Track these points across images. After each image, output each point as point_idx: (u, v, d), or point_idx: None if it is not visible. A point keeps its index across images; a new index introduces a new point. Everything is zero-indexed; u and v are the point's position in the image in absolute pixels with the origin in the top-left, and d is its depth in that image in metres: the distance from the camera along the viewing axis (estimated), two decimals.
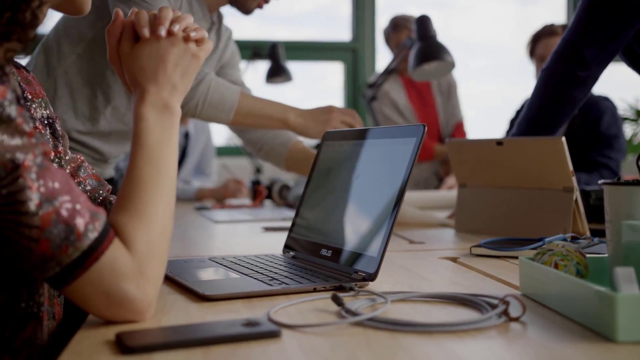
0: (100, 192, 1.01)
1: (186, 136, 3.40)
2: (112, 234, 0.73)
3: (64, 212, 0.69)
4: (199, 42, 0.88)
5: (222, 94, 1.60)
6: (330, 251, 1.04)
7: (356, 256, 0.98)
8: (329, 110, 1.66)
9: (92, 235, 0.71)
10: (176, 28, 0.86)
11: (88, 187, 1.00)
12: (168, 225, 0.80)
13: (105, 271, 0.71)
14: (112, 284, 0.72)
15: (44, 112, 0.93)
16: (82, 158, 1.02)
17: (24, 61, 1.80)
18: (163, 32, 0.85)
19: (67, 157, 0.97)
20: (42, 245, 0.68)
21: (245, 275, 0.98)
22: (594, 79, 1.65)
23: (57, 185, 0.70)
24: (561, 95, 1.64)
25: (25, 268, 0.71)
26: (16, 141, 0.67)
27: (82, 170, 1.00)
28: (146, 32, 0.85)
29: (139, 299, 0.73)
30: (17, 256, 0.70)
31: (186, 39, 0.87)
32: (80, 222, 0.70)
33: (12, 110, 0.68)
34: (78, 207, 0.71)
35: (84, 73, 1.65)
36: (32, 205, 0.67)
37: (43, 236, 0.68)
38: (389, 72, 2.49)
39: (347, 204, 1.06)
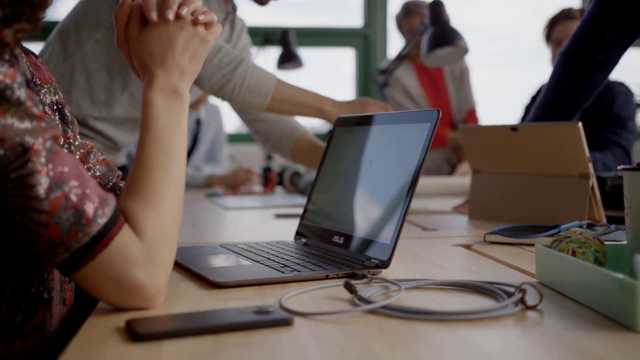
0: (110, 178, 1.00)
1: (198, 123, 3.39)
2: (121, 220, 0.72)
3: (73, 197, 0.69)
4: (207, 25, 0.87)
5: (259, 79, 1.57)
6: (343, 238, 1.03)
7: (369, 243, 0.96)
8: (364, 102, 1.64)
9: (102, 220, 0.70)
10: (184, 11, 0.84)
11: (97, 173, 0.99)
12: (177, 210, 0.79)
13: (114, 257, 0.70)
14: (121, 270, 0.71)
15: (53, 97, 0.92)
16: (91, 144, 1.01)
17: (37, 49, 1.80)
18: (171, 15, 0.83)
19: (76, 143, 0.96)
20: (52, 230, 0.68)
21: (257, 262, 0.97)
22: (614, 62, 1.62)
23: (66, 169, 0.69)
24: (580, 79, 1.61)
25: (35, 253, 0.70)
26: (25, 125, 0.67)
27: (92, 156, 0.99)
28: (154, 15, 0.83)
29: (149, 285, 0.72)
30: (26, 241, 0.69)
31: (195, 22, 0.85)
32: (89, 208, 0.70)
33: (21, 93, 0.67)
34: (87, 192, 0.70)
35: (102, 58, 1.65)
36: (41, 189, 0.67)
37: (52, 221, 0.67)
38: (401, 58, 2.47)
39: (359, 191, 1.05)
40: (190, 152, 3.34)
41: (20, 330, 0.79)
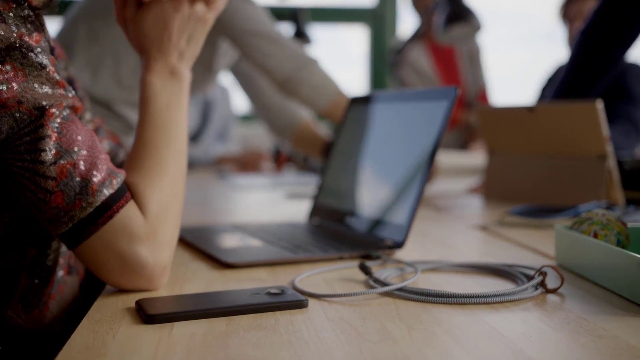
0: (119, 154, 0.99)
1: (208, 103, 3.37)
2: (128, 195, 0.71)
3: (82, 166, 0.67)
4: (208, 1, 0.84)
5: (325, 81, 1.58)
6: (357, 218, 1.01)
7: (383, 224, 0.94)
8: None
9: (107, 191, 0.68)
10: None
11: (106, 147, 0.98)
12: (180, 186, 0.77)
13: (118, 231, 0.69)
14: (125, 245, 0.69)
15: (64, 73, 0.91)
16: (99, 120, 0.99)
17: (53, 28, 1.77)
18: None
19: (87, 118, 0.95)
20: (57, 198, 0.66)
21: (269, 242, 0.95)
22: (634, 36, 1.59)
23: (79, 138, 0.68)
24: (601, 55, 1.59)
25: (40, 221, 0.69)
26: (46, 90, 0.66)
27: (100, 131, 0.98)
28: None
29: (153, 263, 0.70)
30: (33, 208, 0.68)
31: (192, 0, 0.83)
32: (96, 178, 0.68)
33: (44, 58, 0.66)
34: (97, 162, 0.68)
35: None
36: (50, 155, 0.65)
37: (58, 188, 0.66)
38: (413, 37, 2.43)
39: (374, 170, 1.02)
40: (201, 131, 3.33)
41: (39, 298, 0.79)
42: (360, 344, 0.56)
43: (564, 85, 1.63)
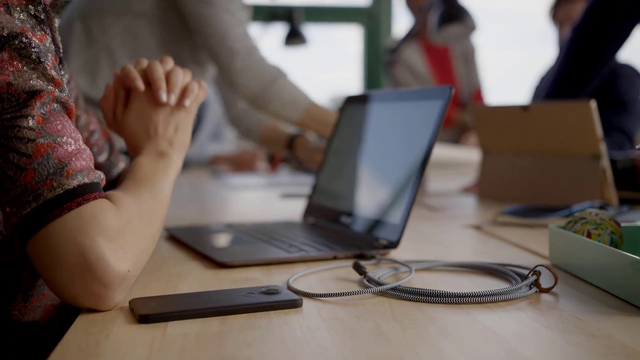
0: (113, 161, 1.00)
1: (202, 103, 3.36)
2: (102, 194, 0.67)
3: (61, 151, 0.64)
4: (184, 94, 0.86)
5: (294, 95, 1.57)
6: (351, 218, 1.01)
7: (378, 223, 0.94)
8: None
9: (83, 179, 0.64)
10: (162, 97, 0.84)
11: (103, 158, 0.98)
12: (156, 220, 0.73)
13: (85, 221, 0.62)
14: (89, 237, 0.61)
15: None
16: (95, 120, 0.99)
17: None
18: (164, 97, 0.84)
19: (82, 122, 0.94)
20: (27, 176, 0.62)
21: (263, 242, 0.95)
22: (626, 34, 1.60)
23: (65, 129, 0.66)
24: (593, 53, 1.59)
25: (2, 207, 0.64)
26: (40, 82, 0.65)
27: (95, 133, 0.98)
28: (140, 84, 0.84)
29: (114, 265, 0.62)
30: None
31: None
32: (75, 164, 0.64)
33: (43, 55, 0.66)
34: (79, 154, 0.66)
35: (129, 45, 1.61)
36: (30, 132, 0.63)
37: (31, 166, 0.62)
38: (408, 36, 2.43)
39: (368, 170, 1.02)
40: (195, 131, 3.32)
41: (40, 290, 0.80)
42: (354, 343, 0.56)
43: (556, 84, 1.63)
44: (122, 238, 0.64)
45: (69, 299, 0.63)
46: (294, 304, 0.65)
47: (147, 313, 0.61)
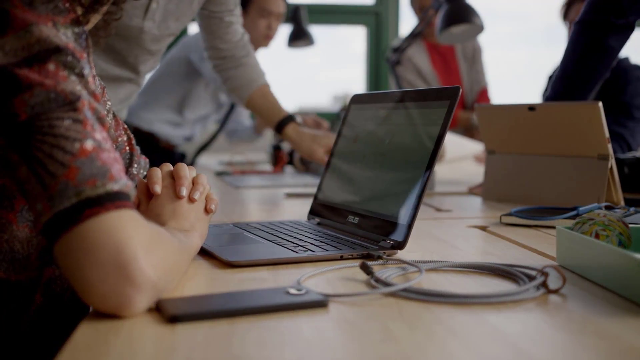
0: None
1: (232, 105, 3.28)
2: (134, 207, 0.67)
3: (105, 155, 0.66)
4: (195, 186, 0.87)
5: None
6: (357, 218, 1.01)
7: (384, 223, 0.94)
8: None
9: (123, 186, 0.66)
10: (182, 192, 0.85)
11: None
12: (182, 261, 0.75)
13: (125, 220, 0.63)
14: (128, 234, 0.62)
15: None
16: (131, 148, 1.01)
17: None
18: (184, 192, 0.85)
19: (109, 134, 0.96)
20: (70, 173, 0.63)
21: (270, 241, 0.95)
22: (631, 27, 1.58)
23: (105, 139, 0.68)
24: (598, 46, 1.56)
25: (31, 203, 0.64)
26: (84, 93, 0.68)
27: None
28: (158, 189, 0.85)
29: (146, 268, 0.62)
30: (33, 184, 0.64)
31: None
32: (117, 171, 0.66)
33: (86, 70, 0.69)
34: (116, 163, 0.68)
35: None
36: (77, 134, 0.65)
37: (74, 164, 0.63)
38: (413, 36, 2.43)
39: (375, 170, 1.02)
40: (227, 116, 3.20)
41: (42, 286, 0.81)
42: (362, 343, 0.56)
43: (562, 79, 1.60)
44: (155, 248, 0.65)
45: (95, 299, 0.61)
46: (320, 304, 0.65)
47: (177, 313, 0.61)
